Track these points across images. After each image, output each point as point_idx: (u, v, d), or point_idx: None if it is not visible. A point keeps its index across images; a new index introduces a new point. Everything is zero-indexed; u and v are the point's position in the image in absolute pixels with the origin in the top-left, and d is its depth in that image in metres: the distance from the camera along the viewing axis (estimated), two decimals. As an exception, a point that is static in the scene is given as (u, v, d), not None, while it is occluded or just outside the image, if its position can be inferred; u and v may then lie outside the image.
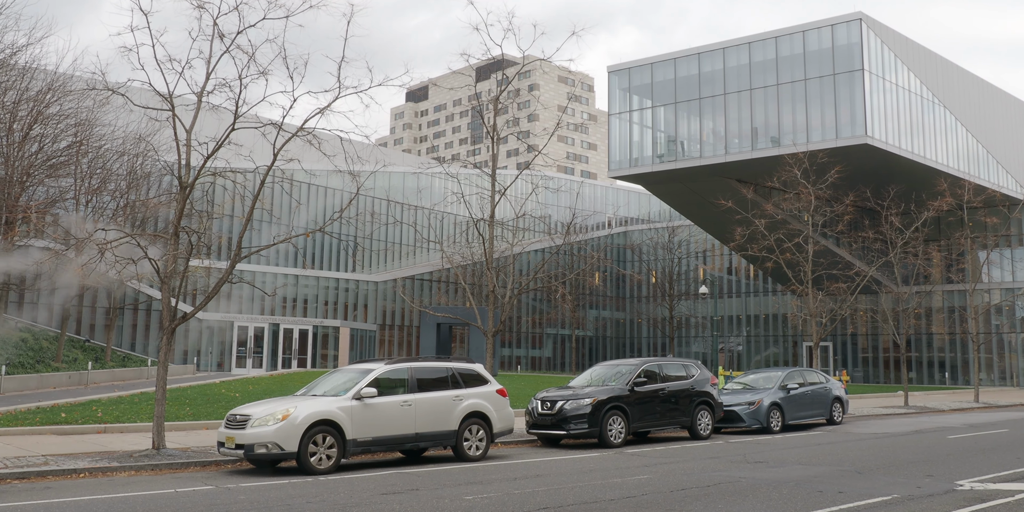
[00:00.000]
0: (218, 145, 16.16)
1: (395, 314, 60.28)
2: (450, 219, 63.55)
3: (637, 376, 19.04)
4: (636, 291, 74.56)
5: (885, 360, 59.04)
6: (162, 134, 26.27)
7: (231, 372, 47.25)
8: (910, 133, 46.71)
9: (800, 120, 45.78)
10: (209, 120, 17.21)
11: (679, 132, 49.99)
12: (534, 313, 68.67)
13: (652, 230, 72.89)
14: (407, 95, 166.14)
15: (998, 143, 53.99)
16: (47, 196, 35.23)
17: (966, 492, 11.40)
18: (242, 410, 14.23)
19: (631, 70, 51.78)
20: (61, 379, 31.86)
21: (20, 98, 31.14)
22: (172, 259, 16.24)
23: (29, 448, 15.32)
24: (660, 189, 53.27)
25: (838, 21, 45.25)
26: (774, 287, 64.14)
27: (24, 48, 31.50)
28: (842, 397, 24.83)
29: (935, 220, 47.30)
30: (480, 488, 11.96)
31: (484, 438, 15.70)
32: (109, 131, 36.45)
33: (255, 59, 16.04)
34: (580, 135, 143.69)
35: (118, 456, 14.52)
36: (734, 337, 67.33)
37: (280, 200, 49.00)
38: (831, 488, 11.75)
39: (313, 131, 16.60)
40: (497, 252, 27.51)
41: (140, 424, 18.97)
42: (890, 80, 45.94)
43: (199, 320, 47.57)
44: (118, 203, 38.05)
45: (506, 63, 28.97)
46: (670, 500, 10.86)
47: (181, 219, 16.11)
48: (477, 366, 16.55)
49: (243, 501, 10.86)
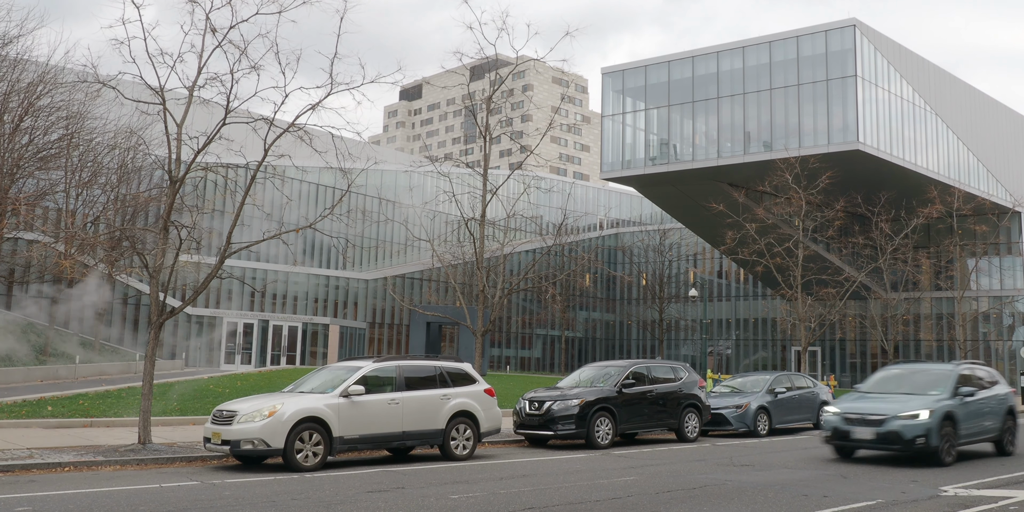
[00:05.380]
0: (209, 139, 16.10)
1: (385, 312, 60.20)
2: (441, 218, 63.49)
3: (625, 378, 19.05)
4: (626, 293, 74.65)
5: (873, 365, 59.18)
6: (153, 128, 26.15)
7: (220, 368, 47.12)
8: (902, 140, 46.88)
9: (792, 125, 45.90)
10: (200, 115, 17.14)
11: (672, 135, 50.07)
12: (524, 313, 68.68)
13: (643, 232, 72.99)
14: (401, 93, 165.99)
15: (989, 152, 54.24)
16: (37, 188, 35.07)
17: (950, 498, 11.44)
18: (229, 406, 14.19)
19: (625, 72, 51.83)
20: (48, 372, 31.70)
21: (11, 89, 30.99)
22: (161, 253, 16.17)
23: (14, 441, 15.24)
24: (652, 191, 53.34)
25: (832, 27, 45.38)
26: (764, 291, 64.27)
27: (16, 39, 31.40)
28: (829, 402, 24.86)
29: (925, 227, 47.49)
30: (466, 487, 11.95)
31: (471, 437, 15.68)
32: (100, 124, 36.32)
33: (247, 54, 15.99)
34: (573, 136, 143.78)
35: (103, 450, 14.46)
36: (723, 340, 67.48)
37: (271, 196, 48.87)
38: (816, 492, 11.78)
39: (305, 127, 16.55)
40: (488, 252, 27.50)
41: (126, 419, 18.89)
42: (883, 87, 46.09)
43: (188, 315, 47.42)
44: (108, 197, 37.91)
45: (500, 63, 28.96)
46: (656, 502, 10.86)
47: (171, 213, 16.04)
48: (465, 365, 16.54)
49: (228, 497, 10.83)
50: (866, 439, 15.30)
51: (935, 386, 16.10)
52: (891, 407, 15.37)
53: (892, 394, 16.16)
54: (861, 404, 15.90)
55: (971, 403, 16.02)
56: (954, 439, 15.30)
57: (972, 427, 15.96)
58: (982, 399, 16.45)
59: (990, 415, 16.65)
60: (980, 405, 16.33)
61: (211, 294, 50.03)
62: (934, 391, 15.89)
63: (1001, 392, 17.36)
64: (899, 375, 17.21)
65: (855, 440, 15.47)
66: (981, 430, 16.36)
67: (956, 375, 16.27)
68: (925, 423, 14.83)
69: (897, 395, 16.03)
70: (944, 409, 15.23)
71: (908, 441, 14.78)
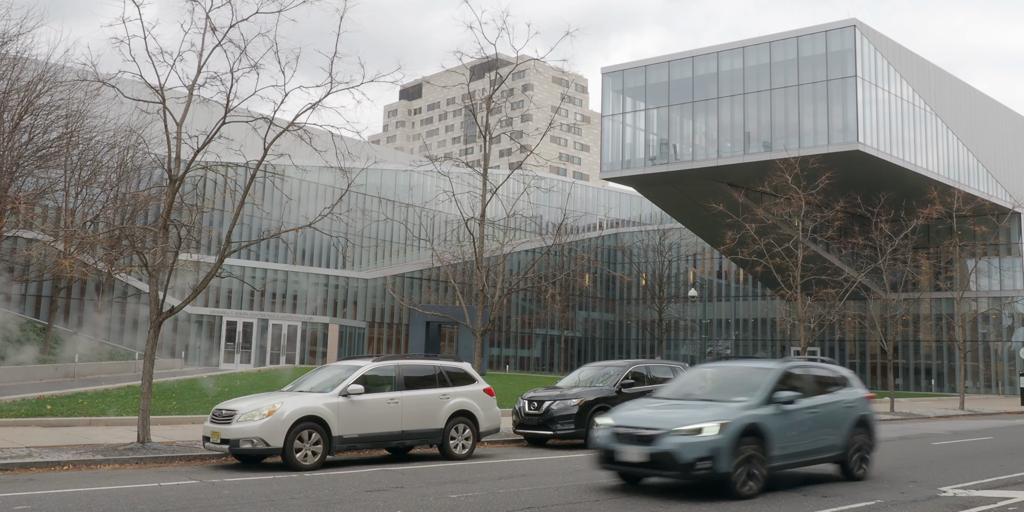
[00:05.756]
0: (208, 138, 16.09)
1: (384, 312, 60.20)
2: (441, 217, 63.50)
3: (625, 378, 19.06)
4: (626, 293, 74.65)
5: (872, 366, 59.24)
6: (153, 127, 26.17)
7: (219, 367, 47.12)
8: (901, 141, 46.88)
9: (792, 125, 45.89)
10: (200, 113, 17.13)
11: (672, 135, 50.07)
12: (524, 313, 68.68)
13: (643, 232, 73.00)
14: (401, 93, 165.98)
15: (989, 153, 54.25)
16: (36, 187, 35.06)
17: (949, 498, 11.44)
18: (228, 405, 14.18)
19: (625, 72, 51.83)
20: (47, 371, 31.69)
21: (11, 88, 30.98)
22: (161, 252, 16.17)
23: (13, 440, 15.23)
24: (652, 191, 53.34)
25: (832, 27, 45.37)
26: (763, 291, 64.28)
27: (15, 38, 31.37)
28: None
29: (924, 228, 47.49)
30: (465, 487, 11.95)
31: (470, 437, 15.68)
32: (100, 123, 36.31)
33: (247, 53, 15.98)
34: (573, 136, 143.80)
35: (102, 449, 14.45)
36: (723, 340, 67.49)
37: (271, 195, 48.86)
38: (815, 492, 11.78)
39: (304, 126, 16.54)
40: (487, 251, 27.51)
41: (125, 417, 18.88)
42: (883, 87, 46.09)
43: (188, 314, 47.41)
44: (108, 195, 37.90)
45: (500, 62, 28.96)
46: (655, 501, 10.86)
47: (170, 212, 16.03)
48: (465, 365, 16.54)
49: (227, 496, 10.82)
50: (634, 461, 11.19)
51: (746, 390, 12.06)
52: (674, 417, 11.40)
53: (691, 400, 12.29)
54: (642, 413, 11.86)
55: (794, 413, 11.96)
56: (761, 462, 11.30)
57: (797, 444, 11.98)
58: (814, 407, 12.46)
59: (828, 428, 12.63)
60: (812, 415, 12.34)
61: (211, 293, 50.03)
62: (741, 397, 11.90)
63: (848, 398, 13.32)
64: (712, 375, 13.37)
65: (622, 463, 11.36)
66: (813, 448, 12.37)
67: (776, 375, 12.20)
68: (710, 441, 10.82)
69: (696, 401, 12.13)
70: (746, 421, 11.22)
71: (685, 465, 10.78)
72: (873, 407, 14.12)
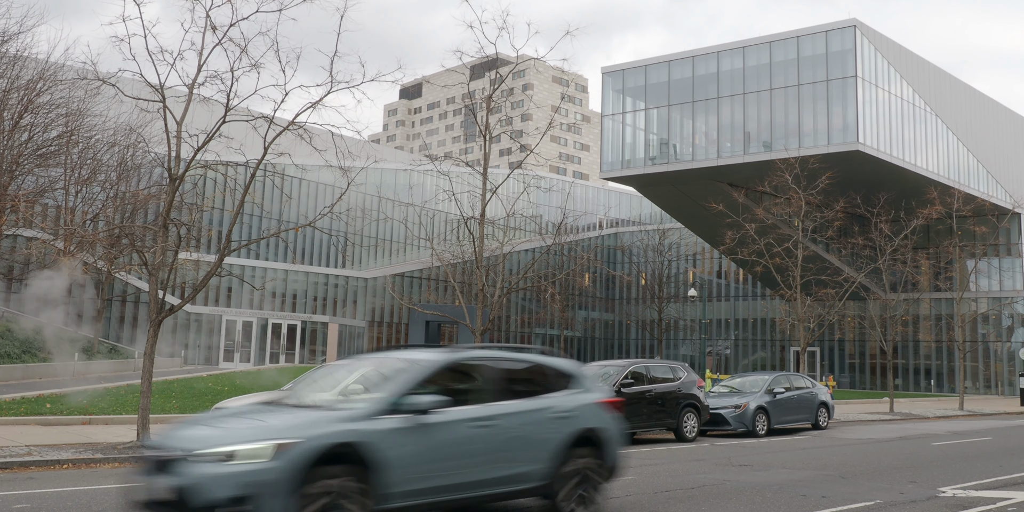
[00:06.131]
0: (208, 137, 16.10)
1: (384, 311, 60.20)
2: (441, 217, 63.49)
3: (624, 377, 19.06)
4: (625, 293, 74.65)
5: (872, 366, 59.26)
6: (153, 126, 26.14)
7: (219, 366, 47.13)
8: (902, 141, 46.88)
9: (792, 125, 45.89)
10: (200, 112, 17.13)
11: (672, 134, 50.06)
12: (523, 313, 68.69)
13: (643, 232, 72.98)
14: (401, 92, 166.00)
15: (989, 153, 54.25)
16: (36, 186, 35.06)
17: (948, 499, 11.44)
18: (228, 404, 14.19)
19: (625, 71, 51.82)
20: (47, 370, 31.69)
21: (10, 86, 30.97)
22: (160, 251, 16.17)
23: (13, 438, 15.23)
24: (652, 191, 53.34)
25: (832, 27, 45.36)
26: (763, 291, 64.29)
27: (15, 36, 31.35)
28: (828, 402, 24.89)
29: (924, 228, 47.51)
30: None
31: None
32: (100, 122, 36.31)
33: (247, 52, 15.98)
34: (573, 136, 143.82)
35: (102, 448, 14.45)
36: (722, 340, 67.50)
37: (271, 194, 48.87)
38: (815, 492, 11.78)
39: (304, 125, 16.54)
40: (487, 251, 27.48)
41: (125, 416, 18.88)
42: (883, 88, 46.09)
43: (187, 313, 47.40)
44: (108, 194, 37.90)
45: (500, 62, 28.96)
46: (654, 501, 10.86)
47: (170, 211, 16.03)
48: None
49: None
50: (159, 500, 7.50)
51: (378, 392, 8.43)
52: (211, 434, 7.74)
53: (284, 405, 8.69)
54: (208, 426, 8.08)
55: (442, 427, 8.25)
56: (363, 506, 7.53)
57: (449, 475, 8.23)
58: (491, 418, 8.74)
59: (518, 450, 8.92)
60: (484, 430, 8.64)
61: (210, 292, 50.03)
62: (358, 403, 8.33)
63: (562, 405, 9.49)
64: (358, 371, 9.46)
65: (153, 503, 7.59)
66: (484, 480, 8.59)
67: (419, 371, 8.57)
68: (250, 471, 7.14)
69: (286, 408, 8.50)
70: (332, 440, 7.52)
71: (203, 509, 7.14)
72: (611, 415, 9.98)
